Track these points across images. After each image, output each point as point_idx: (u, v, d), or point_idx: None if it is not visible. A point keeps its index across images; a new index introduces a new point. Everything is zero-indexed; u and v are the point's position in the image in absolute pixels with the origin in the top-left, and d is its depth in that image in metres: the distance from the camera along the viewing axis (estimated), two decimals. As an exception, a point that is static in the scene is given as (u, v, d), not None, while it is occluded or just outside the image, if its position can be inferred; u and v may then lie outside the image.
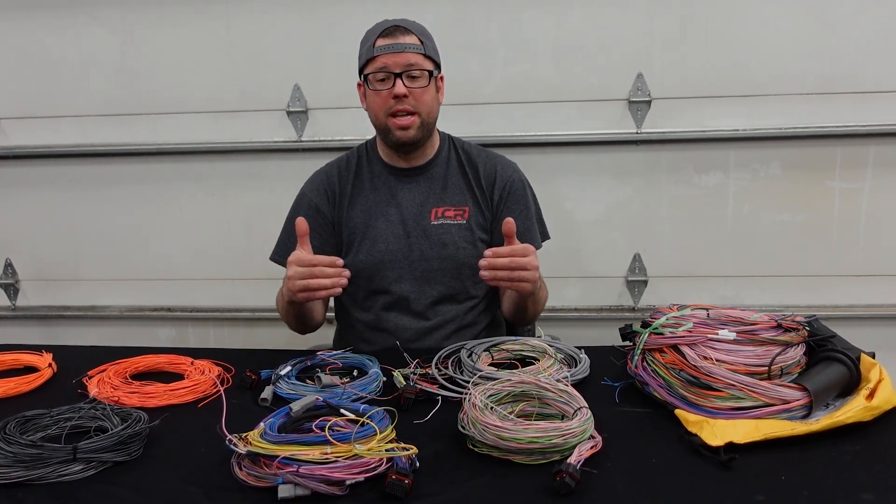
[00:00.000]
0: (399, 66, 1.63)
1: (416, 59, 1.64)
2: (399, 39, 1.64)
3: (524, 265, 1.45)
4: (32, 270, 2.63)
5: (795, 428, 1.12)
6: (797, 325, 1.27)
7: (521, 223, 1.79)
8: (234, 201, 2.49)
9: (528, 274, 1.46)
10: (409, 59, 1.64)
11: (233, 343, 2.57)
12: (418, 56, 1.65)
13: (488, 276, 1.46)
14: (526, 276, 1.46)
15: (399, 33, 1.65)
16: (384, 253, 1.75)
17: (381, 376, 1.40)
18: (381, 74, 1.65)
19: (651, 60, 2.29)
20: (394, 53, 1.63)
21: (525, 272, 1.46)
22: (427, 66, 1.66)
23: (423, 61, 1.66)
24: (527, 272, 1.46)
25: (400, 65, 1.63)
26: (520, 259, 1.45)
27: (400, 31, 1.65)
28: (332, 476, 0.98)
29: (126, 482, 1.06)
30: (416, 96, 1.65)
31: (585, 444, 1.08)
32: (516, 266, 1.45)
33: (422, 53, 1.66)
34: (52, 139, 2.50)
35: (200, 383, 1.40)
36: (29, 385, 1.44)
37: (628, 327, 1.39)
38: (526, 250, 1.47)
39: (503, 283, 1.48)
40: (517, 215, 1.78)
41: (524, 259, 1.45)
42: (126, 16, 2.41)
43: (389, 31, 1.65)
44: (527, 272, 1.46)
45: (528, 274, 1.46)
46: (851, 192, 2.32)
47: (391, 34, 1.65)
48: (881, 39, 2.21)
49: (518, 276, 1.46)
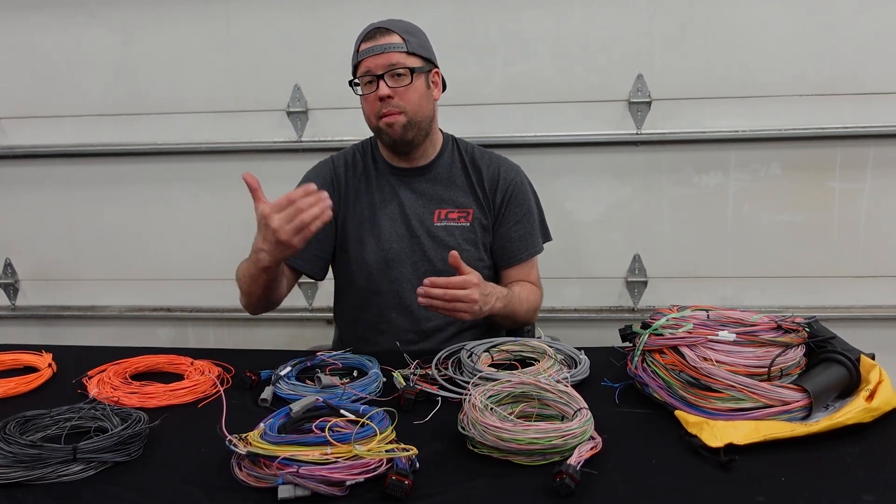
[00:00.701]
0: (381, 68, 1.63)
1: (397, 58, 1.64)
2: (379, 41, 1.64)
3: (459, 297, 1.48)
4: (32, 270, 2.63)
5: (795, 429, 1.12)
6: (797, 327, 1.27)
7: (523, 227, 1.80)
8: (234, 201, 2.49)
9: (464, 305, 1.49)
10: (390, 60, 1.63)
11: (233, 343, 2.58)
12: (400, 55, 1.64)
13: (424, 303, 1.49)
14: (461, 307, 1.49)
15: (379, 35, 1.65)
16: (387, 252, 1.75)
17: (380, 377, 1.40)
18: (366, 78, 1.65)
19: (651, 61, 2.29)
20: (374, 56, 1.63)
21: (461, 304, 1.49)
22: (411, 63, 1.66)
23: (407, 59, 1.65)
24: (462, 304, 1.49)
25: (381, 66, 1.63)
26: (455, 292, 1.48)
27: (380, 33, 1.65)
28: (332, 477, 0.98)
29: (126, 482, 1.06)
30: (401, 95, 1.65)
31: (585, 444, 1.08)
32: (451, 298, 1.48)
33: (404, 51, 1.65)
34: (52, 139, 2.50)
35: (200, 384, 1.40)
36: (29, 385, 1.44)
37: (628, 328, 1.39)
38: (465, 282, 1.49)
39: (439, 311, 1.51)
40: (519, 219, 1.79)
41: (460, 292, 1.48)
42: (126, 15, 2.41)
43: (370, 34, 1.66)
44: (462, 304, 1.49)
45: (464, 305, 1.49)
46: (851, 193, 2.32)
47: (372, 37, 1.65)
48: (881, 40, 2.22)
49: (453, 307, 1.49)
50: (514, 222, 1.79)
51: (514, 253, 1.80)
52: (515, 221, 1.79)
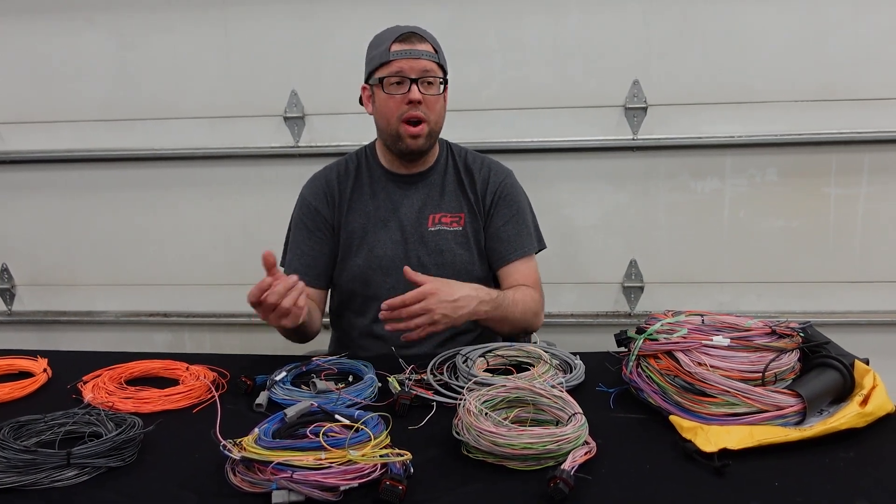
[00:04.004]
0: (415, 72, 1.64)
1: (430, 66, 1.65)
2: (416, 46, 1.65)
3: (414, 312, 1.46)
4: (29, 275, 2.63)
5: (789, 434, 1.12)
6: (791, 332, 1.27)
7: (513, 227, 1.79)
8: (231, 207, 2.49)
9: (425, 318, 1.46)
10: (424, 66, 1.64)
11: (229, 348, 2.57)
12: (433, 64, 1.66)
13: (391, 328, 1.48)
14: (421, 321, 1.47)
15: (415, 39, 1.66)
16: (382, 259, 1.75)
17: (376, 382, 1.40)
18: (396, 78, 1.65)
19: (647, 67, 2.29)
20: (411, 59, 1.64)
21: (422, 317, 1.46)
22: (440, 74, 1.68)
23: (437, 69, 1.67)
24: (424, 317, 1.46)
25: (416, 70, 1.64)
26: (410, 308, 1.45)
27: (416, 38, 1.66)
28: (326, 482, 0.98)
29: (120, 488, 1.06)
30: (429, 104, 1.66)
31: (580, 449, 1.08)
32: (408, 315, 1.46)
33: (436, 62, 1.67)
34: (50, 144, 2.50)
35: (195, 389, 1.40)
36: (23, 390, 1.44)
37: (623, 333, 1.39)
38: (420, 294, 1.46)
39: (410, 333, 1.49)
40: (508, 219, 1.79)
41: (414, 307, 1.45)
42: (124, 21, 2.41)
43: (406, 36, 1.66)
44: (424, 317, 1.46)
45: (425, 318, 1.46)
46: (847, 199, 2.32)
47: (407, 40, 1.65)
48: (877, 47, 2.22)
49: (415, 323, 1.47)
50: (503, 222, 1.79)
51: (504, 253, 1.79)
52: (505, 221, 1.79)
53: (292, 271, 1.77)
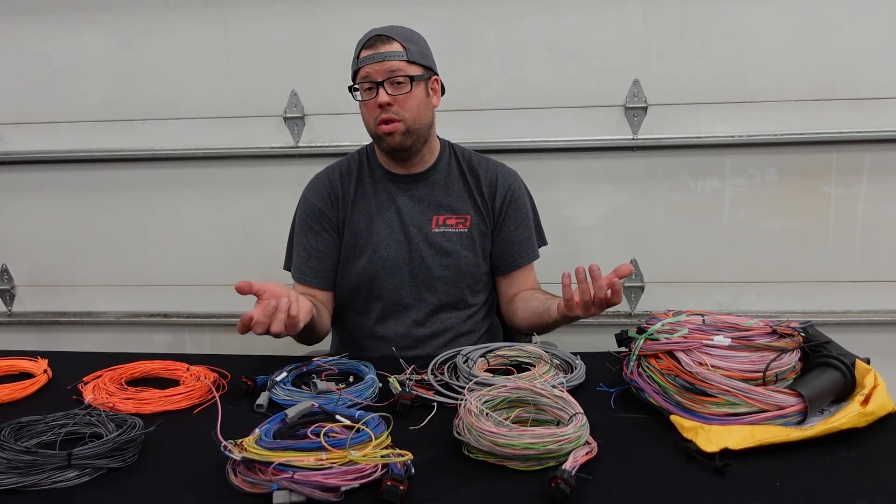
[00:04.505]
0: (381, 75, 1.64)
1: (398, 65, 1.65)
2: (379, 49, 1.65)
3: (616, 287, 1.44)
4: (29, 276, 2.63)
5: (790, 434, 1.12)
6: (792, 331, 1.27)
7: (523, 231, 1.81)
8: (231, 207, 2.49)
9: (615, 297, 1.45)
10: (390, 67, 1.64)
11: (229, 349, 2.56)
12: (401, 63, 1.65)
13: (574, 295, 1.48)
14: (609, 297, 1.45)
15: (380, 43, 1.65)
16: (385, 259, 1.75)
17: (376, 382, 1.40)
18: (366, 84, 1.66)
19: (647, 67, 2.29)
20: (375, 63, 1.64)
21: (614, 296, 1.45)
22: (411, 71, 1.66)
23: (407, 67, 1.66)
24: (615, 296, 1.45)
25: (382, 73, 1.64)
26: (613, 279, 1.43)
27: (381, 41, 1.66)
28: (327, 482, 0.98)
29: (121, 489, 1.05)
30: (400, 103, 1.66)
31: (580, 450, 1.08)
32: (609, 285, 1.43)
33: (404, 60, 1.66)
34: (49, 145, 2.51)
35: (196, 389, 1.40)
36: (24, 391, 1.44)
37: (624, 333, 1.39)
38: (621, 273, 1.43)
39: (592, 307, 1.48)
40: (519, 223, 1.80)
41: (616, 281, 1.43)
42: (124, 21, 2.41)
43: (371, 41, 1.66)
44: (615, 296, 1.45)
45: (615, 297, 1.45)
46: (847, 199, 2.32)
47: (372, 45, 1.66)
48: (876, 46, 2.22)
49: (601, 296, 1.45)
50: (514, 227, 1.80)
51: (515, 257, 1.80)
52: (516, 226, 1.80)
53: (300, 274, 1.78)
